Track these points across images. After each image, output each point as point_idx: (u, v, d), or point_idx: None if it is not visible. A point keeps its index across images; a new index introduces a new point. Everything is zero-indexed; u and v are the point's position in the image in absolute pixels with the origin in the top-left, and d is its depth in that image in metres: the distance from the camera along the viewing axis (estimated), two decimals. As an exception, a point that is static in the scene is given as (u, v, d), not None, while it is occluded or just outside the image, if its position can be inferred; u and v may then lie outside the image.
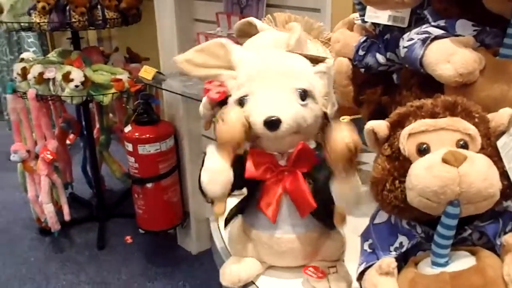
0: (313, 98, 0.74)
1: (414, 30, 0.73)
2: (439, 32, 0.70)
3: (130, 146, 2.10)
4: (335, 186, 0.70)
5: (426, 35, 0.70)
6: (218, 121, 0.71)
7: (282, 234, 0.78)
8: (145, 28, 2.32)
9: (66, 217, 2.37)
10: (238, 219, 0.84)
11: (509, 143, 0.59)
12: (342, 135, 0.65)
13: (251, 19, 0.98)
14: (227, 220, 0.85)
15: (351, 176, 0.68)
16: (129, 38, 2.68)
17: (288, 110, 0.71)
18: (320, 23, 1.02)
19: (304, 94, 0.73)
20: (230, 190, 0.75)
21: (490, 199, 0.57)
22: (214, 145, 0.73)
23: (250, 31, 0.96)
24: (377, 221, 0.70)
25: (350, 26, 0.97)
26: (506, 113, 0.61)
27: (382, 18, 0.86)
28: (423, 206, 0.58)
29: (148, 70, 1.93)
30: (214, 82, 0.79)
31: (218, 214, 0.79)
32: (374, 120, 0.65)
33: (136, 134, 2.09)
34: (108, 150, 2.67)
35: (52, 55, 2.39)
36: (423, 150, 0.59)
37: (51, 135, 2.32)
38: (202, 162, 0.75)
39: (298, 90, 0.73)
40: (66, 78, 2.09)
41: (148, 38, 2.27)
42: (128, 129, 2.12)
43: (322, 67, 0.78)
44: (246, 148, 0.77)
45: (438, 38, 0.69)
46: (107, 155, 2.66)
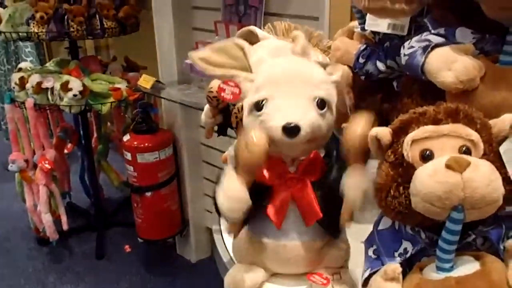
0: (330, 108, 0.73)
1: (415, 38, 0.74)
2: (440, 40, 0.71)
3: (129, 155, 2.10)
4: (347, 176, 0.71)
5: (426, 43, 0.71)
6: (240, 145, 0.70)
7: (288, 241, 0.78)
8: (142, 37, 2.32)
9: (64, 226, 2.36)
10: (243, 227, 0.84)
11: (511, 149, 0.60)
12: (358, 124, 0.68)
13: (252, 28, 0.98)
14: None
15: (363, 166, 0.69)
16: (126, 47, 2.68)
17: (307, 117, 0.70)
18: (319, 32, 1.03)
19: (322, 103, 0.72)
20: None
21: (494, 204, 0.57)
22: (233, 165, 0.73)
23: (251, 40, 0.96)
24: (381, 227, 0.70)
25: (350, 34, 0.98)
26: (508, 119, 0.61)
27: (382, 26, 0.87)
28: (428, 211, 0.58)
29: (147, 79, 1.94)
30: (229, 83, 0.77)
31: (234, 232, 0.80)
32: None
33: (134, 143, 2.09)
34: (106, 159, 2.67)
35: (50, 65, 2.40)
36: (427, 156, 0.60)
37: (49, 145, 2.32)
38: (218, 178, 0.74)
39: (317, 99, 0.72)
40: (65, 87, 2.09)
41: (145, 47, 2.27)
42: (126, 138, 2.12)
43: (337, 77, 0.77)
44: None
45: (438, 46, 0.70)
46: (105, 164, 2.67)
